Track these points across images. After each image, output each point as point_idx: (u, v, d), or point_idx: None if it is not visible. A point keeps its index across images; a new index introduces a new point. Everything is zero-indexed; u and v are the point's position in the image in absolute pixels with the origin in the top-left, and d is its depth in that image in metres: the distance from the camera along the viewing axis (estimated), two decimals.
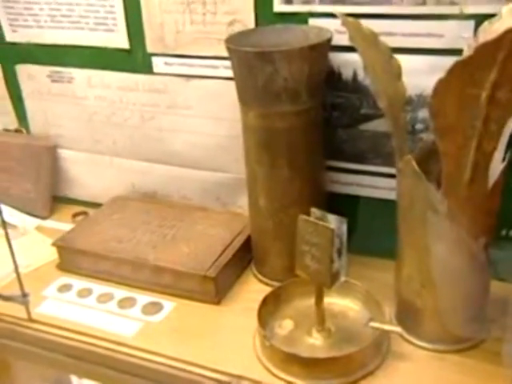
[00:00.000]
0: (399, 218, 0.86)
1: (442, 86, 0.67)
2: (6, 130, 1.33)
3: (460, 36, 0.86)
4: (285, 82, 0.85)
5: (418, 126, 0.95)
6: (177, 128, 1.15)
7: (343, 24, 0.79)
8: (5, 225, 0.93)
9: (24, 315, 0.98)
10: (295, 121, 0.90)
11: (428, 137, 0.91)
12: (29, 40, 1.21)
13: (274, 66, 0.84)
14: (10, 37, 1.23)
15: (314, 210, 0.82)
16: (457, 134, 0.72)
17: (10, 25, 1.21)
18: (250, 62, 0.85)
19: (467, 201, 0.77)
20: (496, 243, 0.85)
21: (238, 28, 0.99)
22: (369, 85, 0.94)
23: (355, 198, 1.05)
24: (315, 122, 0.93)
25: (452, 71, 0.66)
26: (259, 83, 0.86)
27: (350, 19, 0.79)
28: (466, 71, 0.65)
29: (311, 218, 0.81)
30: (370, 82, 0.89)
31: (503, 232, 0.96)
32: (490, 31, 0.77)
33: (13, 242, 0.93)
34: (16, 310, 0.98)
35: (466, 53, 0.82)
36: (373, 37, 0.80)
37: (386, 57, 0.82)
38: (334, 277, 0.82)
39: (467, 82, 0.66)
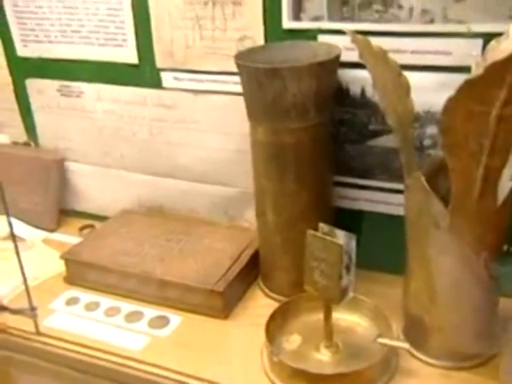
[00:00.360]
0: (407, 234, 0.86)
1: (451, 104, 0.68)
2: (15, 143, 1.34)
3: (468, 54, 0.87)
4: (294, 98, 0.86)
5: (426, 142, 0.95)
6: (185, 142, 1.15)
7: (353, 41, 0.80)
8: (14, 239, 0.93)
9: (31, 328, 0.98)
10: (303, 136, 0.90)
11: (436, 153, 0.91)
12: (39, 55, 1.22)
13: (283, 83, 0.84)
14: (21, 51, 1.24)
15: (322, 226, 0.82)
16: (466, 150, 0.72)
17: (22, 40, 1.23)
18: (260, 78, 0.86)
19: (476, 217, 0.77)
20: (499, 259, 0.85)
21: (247, 44, 1.00)
22: (377, 101, 0.94)
23: (363, 213, 1.05)
24: (323, 138, 0.93)
25: (461, 90, 0.66)
26: (268, 99, 0.87)
27: (360, 37, 0.80)
28: (475, 90, 0.66)
29: (320, 234, 0.82)
30: (378, 99, 0.90)
31: (504, 247, 0.97)
32: (498, 50, 0.78)
33: (22, 255, 0.94)
34: (23, 322, 0.98)
35: (475, 71, 0.83)
36: (382, 54, 0.81)
37: (395, 74, 0.83)
38: (343, 293, 0.82)
39: (476, 100, 0.67)
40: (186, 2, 1.03)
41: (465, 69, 0.86)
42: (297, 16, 0.95)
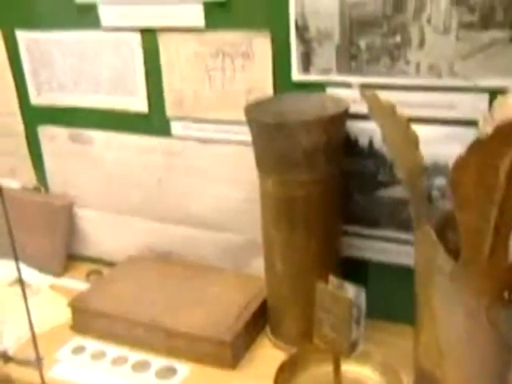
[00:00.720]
0: (416, 285, 0.86)
1: (461, 162, 0.69)
2: (25, 188, 1.35)
3: (475, 108, 0.88)
4: (303, 152, 0.87)
5: (435, 194, 0.96)
6: (193, 190, 1.16)
7: (362, 96, 0.81)
8: (23, 288, 0.93)
9: (37, 378, 0.97)
10: (313, 189, 0.91)
11: (444, 205, 0.92)
12: (52, 103, 1.25)
13: (293, 137, 0.86)
14: (34, 100, 1.27)
15: (332, 279, 0.82)
16: (476, 206, 0.72)
17: (36, 89, 1.25)
18: (270, 132, 0.87)
19: (486, 273, 0.76)
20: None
21: (256, 95, 1.02)
22: (385, 152, 0.95)
23: (372, 263, 1.05)
24: (333, 190, 0.94)
25: (471, 148, 0.67)
26: (278, 152, 0.88)
27: (368, 92, 0.81)
28: (485, 148, 0.66)
29: (329, 287, 0.81)
30: (386, 151, 0.91)
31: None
32: (506, 106, 0.79)
33: (28, 301, 0.93)
34: (28, 373, 0.97)
35: (482, 125, 0.84)
36: (390, 108, 0.82)
37: (404, 127, 0.84)
38: (352, 346, 0.82)
39: (486, 157, 0.67)
40: (196, 53, 1.05)
41: (472, 122, 0.87)
42: (306, 68, 0.97)
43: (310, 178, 0.90)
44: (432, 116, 0.91)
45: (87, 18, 1.12)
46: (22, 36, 1.21)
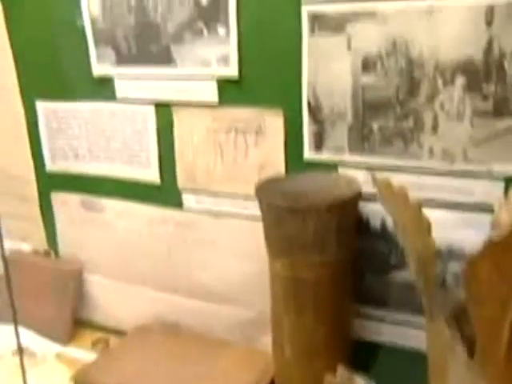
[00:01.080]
0: (430, 372, 0.82)
1: (476, 260, 0.66)
2: (36, 252, 1.35)
3: (490, 194, 0.87)
4: (313, 235, 0.85)
5: (449, 279, 0.93)
6: (203, 262, 1.15)
7: (373, 183, 0.80)
8: (22, 363, 0.91)
9: None
10: (323, 272, 0.89)
11: (459, 292, 0.89)
12: (66, 170, 1.26)
13: (303, 220, 0.84)
14: (49, 167, 1.28)
15: (341, 370, 0.79)
16: (491, 304, 0.70)
17: (51, 156, 1.27)
18: (279, 214, 0.86)
19: (503, 369, 0.73)
20: None
21: (268, 172, 1.01)
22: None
23: (385, 346, 1.02)
24: (343, 272, 0.92)
25: (486, 247, 0.65)
26: (287, 234, 0.87)
27: (381, 178, 0.80)
28: (500, 247, 0.64)
29: (338, 379, 0.78)
30: (398, 238, 0.89)
31: None
32: None
33: (31, 371, 0.92)
34: None
35: (497, 211, 0.82)
36: (403, 195, 0.81)
37: (416, 214, 0.82)
38: None
39: (501, 257, 0.65)
40: (209, 129, 1.06)
41: (487, 208, 0.85)
42: (318, 147, 0.97)
43: (320, 261, 0.88)
44: (446, 200, 0.90)
45: (104, 89, 1.14)
46: (42, 106, 1.24)
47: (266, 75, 0.98)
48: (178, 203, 1.14)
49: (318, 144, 0.97)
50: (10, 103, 1.26)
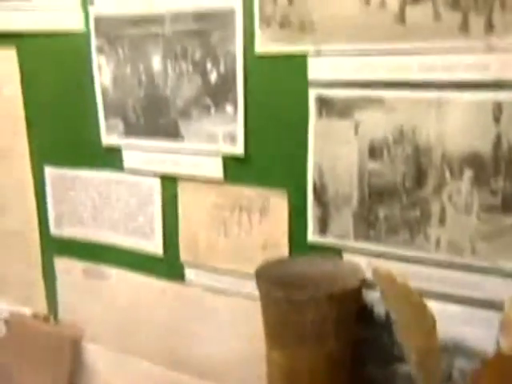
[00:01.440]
0: None
1: (480, 374, 0.63)
2: (35, 316, 1.33)
3: (499, 290, 0.83)
4: (311, 325, 0.82)
5: (455, 374, 0.89)
6: (202, 338, 1.11)
7: (374, 277, 0.78)
8: None
9: None
10: (321, 362, 0.85)
11: None
12: (70, 235, 1.25)
13: (301, 311, 0.81)
14: (54, 231, 1.28)
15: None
16: None
17: (56, 221, 1.26)
18: (278, 303, 0.83)
19: None
20: None
21: (271, 252, 0.99)
22: None
23: None
24: (342, 363, 0.88)
25: (491, 362, 0.62)
26: (285, 323, 0.84)
27: (383, 271, 0.78)
28: (507, 364, 0.61)
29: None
30: (399, 338, 0.85)
31: None
32: None
33: None
34: None
35: (507, 310, 0.79)
36: (406, 288, 0.78)
37: (420, 309, 0.79)
38: None
39: (506, 374, 0.62)
40: (214, 205, 1.04)
41: (496, 305, 0.82)
42: (322, 231, 0.95)
43: (317, 351, 0.85)
44: (453, 294, 0.86)
45: (112, 159, 1.15)
46: (50, 171, 1.24)
47: (271, 155, 0.98)
48: (179, 276, 1.12)
49: (323, 227, 0.95)
50: (19, 166, 1.26)
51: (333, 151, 0.92)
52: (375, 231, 0.90)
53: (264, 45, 0.94)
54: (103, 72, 1.11)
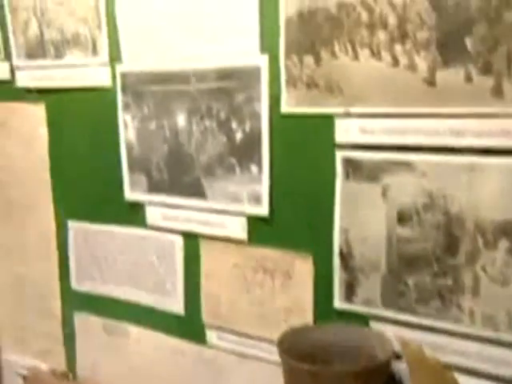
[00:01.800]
0: None
1: None
2: (53, 372, 1.30)
3: None
4: None
5: None
6: None
7: (403, 352, 0.73)
8: None
9: None
10: None
11: None
12: (91, 290, 1.23)
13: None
14: (75, 286, 1.26)
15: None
16: None
17: (78, 276, 1.25)
18: (300, 375, 0.79)
19: None
20: None
21: (295, 317, 0.95)
22: None
23: None
24: None
25: None
26: None
27: (413, 347, 0.73)
28: None
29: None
30: None
31: None
32: None
33: None
34: None
35: None
36: (438, 369, 0.73)
37: None
38: None
39: None
40: (236, 265, 1.02)
41: None
42: (349, 297, 0.91)
43: None
44: (488, 371, 0.81)
45: (134, 215, 1.14)
46: (73, 225, 1.24)
47: (297, 217, 0.95)
48: (200, 337, 1.09)
49: (349, 294, 0.91)
50: (43, 219, 1.27)
51: (360, 215, 0.89)
52: (404, 299, 0.86)
53: (290, 105, 0.93)
54: (128, 128, 1.11)
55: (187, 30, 1.02)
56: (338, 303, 0.92)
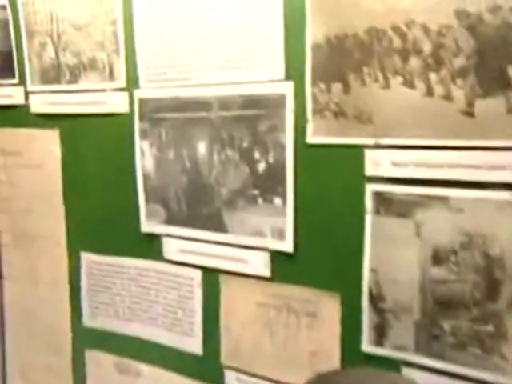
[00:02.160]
0: None
1: None
2: None
3: None
4: None
5: None
6: None
7: None
8: None
9: None
10: None
11: None
12: (104, 327, 1.18)
13: None
14: (87, 321, 1.21)
15: None
16: None
17: (90, 311, 1.20)
18: None
19: None
20: None
21: (320, 361, 0.89)
22: None
23: None
24: None
25: None
26: None
27: None
28: None
29: None
30: None
31: None
32: None
33: None
34: None
35: None
36: None
37: None
38: None
39: None
40: (259, 304, 0.96)
41: None
42: (378, 341, 0.85)
43: None
44: None
45: (151, 248, 1.09)
46: (86, 257, 1.19)
47: (323, 253, 0.90)
48: (219, 379, 1.03)
49: (379, 337, 0.85)
50: (54, 250, 1.22)
51: (391, 254, 0.83)
52: (440, 345, 0.80)
53: (316, 135, 0.88)
54: (146, 156, 1.07)
55: (208, 55, 0.98)
56: (367, 347, 0.86)
